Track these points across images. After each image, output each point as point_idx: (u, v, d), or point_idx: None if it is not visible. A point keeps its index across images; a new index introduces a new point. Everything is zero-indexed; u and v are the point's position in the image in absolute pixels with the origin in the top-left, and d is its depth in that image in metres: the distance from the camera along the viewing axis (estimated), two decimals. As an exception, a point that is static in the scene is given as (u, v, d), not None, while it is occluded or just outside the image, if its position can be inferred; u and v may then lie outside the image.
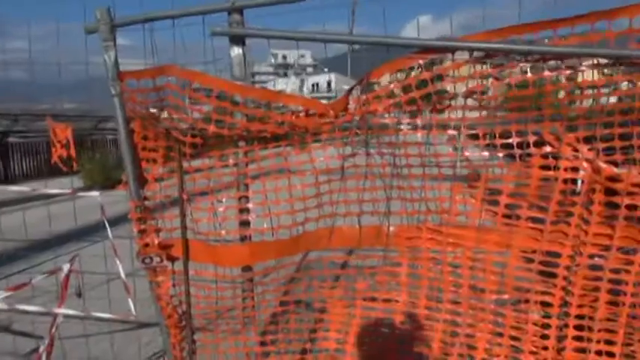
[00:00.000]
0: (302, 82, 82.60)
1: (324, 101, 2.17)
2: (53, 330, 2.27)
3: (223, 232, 2.05)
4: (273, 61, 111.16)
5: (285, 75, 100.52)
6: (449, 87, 1.94)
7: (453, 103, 1.97)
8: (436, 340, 2.04)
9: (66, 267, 2.21)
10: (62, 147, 2.07)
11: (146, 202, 2.10)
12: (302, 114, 1.97)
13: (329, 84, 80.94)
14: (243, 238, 2.10)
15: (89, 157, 11.68)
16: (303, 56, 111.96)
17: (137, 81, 1.98)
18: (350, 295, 2.12)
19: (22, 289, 2.36)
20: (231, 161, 2.06)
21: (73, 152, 2.11)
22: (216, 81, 1.91)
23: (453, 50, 1.81)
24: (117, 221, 8.03)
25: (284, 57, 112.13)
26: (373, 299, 2.09)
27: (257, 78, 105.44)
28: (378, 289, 2.08)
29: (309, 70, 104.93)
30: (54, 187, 10.61)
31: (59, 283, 2.35)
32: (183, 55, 2.06)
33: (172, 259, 2.12)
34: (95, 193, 2.59)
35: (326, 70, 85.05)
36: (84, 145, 13.58)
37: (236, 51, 2.00)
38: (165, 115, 2.03)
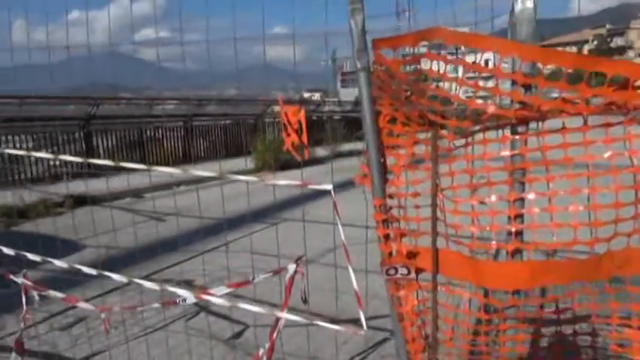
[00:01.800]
0: (457, 61, 78.44)
1: (480, 83, 1.58)
2: (274, 335, 2.04)
3: (493, 243, 1.58)
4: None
5: (439, 54, 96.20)
6: None
7: None
8: None
9: (291, 267, 1.95)
10: (295, 132, 1.78)
11: (389, 201, 1.72)
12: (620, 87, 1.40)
13: (486, 63, 75.77)
14: (515, 253, 1.61)
15: (260, 139, 12.24)
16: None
17: (393, 51, 1.59)
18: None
19: (244, 286, 2.20)
20: (506, 152, 1.57)
21: (305, 139, 1.82)
22: (505, 45, 1.43)
23: None
24: (286, 204, 8.14)
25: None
26: None
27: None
28: None
29: (463, 48, 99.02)
30: (228, 167, 11.05)
31: (283, 284, 2.13)
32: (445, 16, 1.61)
33: (418, 271, 1.72)
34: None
35: (483, 47, 79.38)
36: (256, 127, 14.35)
37: (524, 4, 1.49)
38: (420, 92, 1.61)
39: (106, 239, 5.98)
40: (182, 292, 2.19)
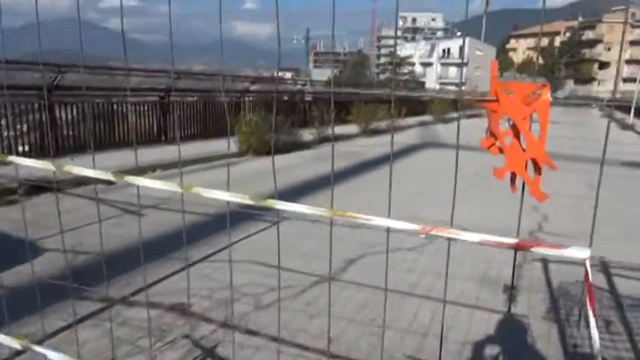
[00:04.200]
0: (432, 47, 78.01)
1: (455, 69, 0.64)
2: None
3: None
4: (401, 24, 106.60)
5: (414, 39, 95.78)
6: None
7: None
8: None
9: None
10: (531, 139, 0.81)
11: None
12: None
13: (461, 49, 75.61)
14: None
15: (246, 120, 11.10)
16: (434, 19, 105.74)
17: None
18: None
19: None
20: None
21: (542, 155, 0.85)
22: None
23: None
24: (288, 194, 7.14)
25: (414, 20, 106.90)
26: None
27: (383, 42, 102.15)
28: None
29: (440, 34, 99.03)
30: (213, 148, 9.77)
31: None
32: None
33: None
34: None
35: (459, 34, 79.19)
36: (239, 106, 13.17)
37: None
38: None
39: (72, 239, 4.87)
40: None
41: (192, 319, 3.36)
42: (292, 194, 7.11)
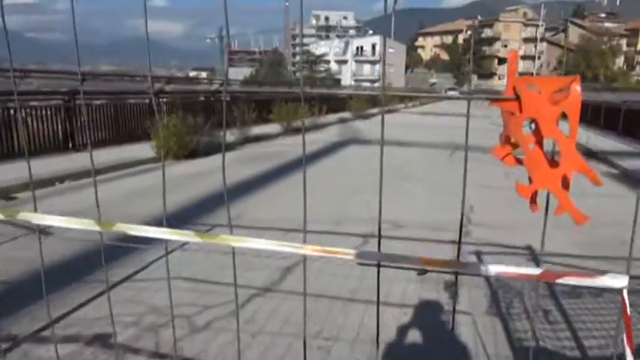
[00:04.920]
0: (346, 44, 79.42)
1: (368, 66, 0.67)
2: None
3: None
4: (314, 22, 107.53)
5: (328, 37, 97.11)
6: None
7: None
8: None
9: None
10: (569, 149, 0.64)
11: None
12: None
13: (373, 47, 77.67)
14: None
15: (162, 122, 10.44)
16: (345, 18, 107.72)
17: None
18: None
19: None
20: None
21: (581, 166, 0.68)
22: None
23: None
24: (208, 203, 6.72)
25: (326, 18, 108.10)
26: None
27: (298, 40, 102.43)
28: None
29: (352, 32, 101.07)
30: (128, 154, 9.11)
31: None
32: None
33: None
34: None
35: (371, 32, 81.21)
36: (152, 108, 12.42)
37: None
38: None
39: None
40: None
41: (118, 351, 2.97)
42: (215, 202, 6.73)
